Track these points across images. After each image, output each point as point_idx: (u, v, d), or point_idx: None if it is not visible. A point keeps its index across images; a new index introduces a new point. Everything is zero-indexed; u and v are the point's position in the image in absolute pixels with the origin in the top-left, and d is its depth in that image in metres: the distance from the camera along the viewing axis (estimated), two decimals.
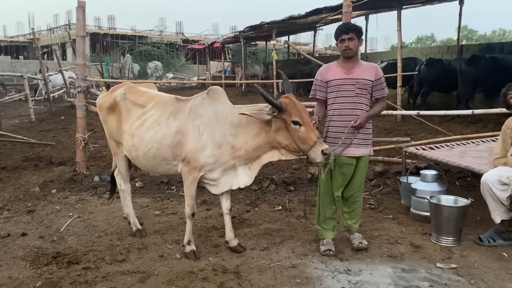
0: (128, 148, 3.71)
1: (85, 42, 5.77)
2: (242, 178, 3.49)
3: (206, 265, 3.37)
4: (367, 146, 3.60)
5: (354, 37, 3.46)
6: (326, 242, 3.66)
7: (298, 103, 3.24)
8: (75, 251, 3.62)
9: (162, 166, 3.59)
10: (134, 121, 3.66)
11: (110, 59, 25.66)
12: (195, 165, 3.38)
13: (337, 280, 3.13)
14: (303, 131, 3.16)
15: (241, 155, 3.39)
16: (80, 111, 5.78)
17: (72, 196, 5.15)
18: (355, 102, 3.50)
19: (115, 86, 4.05)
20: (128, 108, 3.74)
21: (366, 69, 3.53)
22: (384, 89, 3.59)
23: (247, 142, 3.35)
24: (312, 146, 3.13)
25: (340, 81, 3.51)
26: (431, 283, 3.07)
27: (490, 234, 3.75)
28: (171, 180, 5.60)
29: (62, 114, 12.42)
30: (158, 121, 3.53)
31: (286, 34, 21.72)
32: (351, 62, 3.54)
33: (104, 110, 3.94)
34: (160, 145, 3.49)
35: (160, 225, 4.27)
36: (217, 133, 3.36)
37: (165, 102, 3.65)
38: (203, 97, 3.48)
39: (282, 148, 3.32)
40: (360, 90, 3.50)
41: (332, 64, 3.67)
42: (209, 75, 24.96)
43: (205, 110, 3.41)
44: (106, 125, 3.99)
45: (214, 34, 39.05)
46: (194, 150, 3.36)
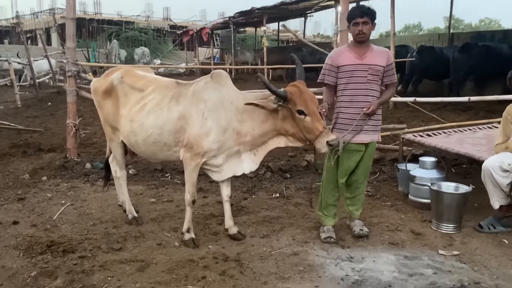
0: (127, 134, 3.57)
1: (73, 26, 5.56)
2: (247, 164, 3.40)
3: (206, 253, 3.30)
4: (376, 132, 3.54)
5: (369, 21, 3.34)
6: (327, 229, 3.61)
7: (305, 91, 3.14)
8: (70, 240, 3.51)
9: (163, 152, 3.48)
10: (133, 106, 3.52)
11: (96, 44, 25.17)
12: (198, 151, 3.28)
13: (340, 268, 3.09)
14: (308, 121, 3.09)
15: (246, 141, 3.30)
16: (71, 96, 5.61)
17: (64, 183, 5.01)
18: (367, 89, 3.41)
19: (111, 69, 3.89)
20: (126, 92, 3.59)
21: (378, 54, 3.43)
22: (394, 75, 3.54)
23: (254, 128, 3.26)
24: (318, 136, 3.07)
25: (352, 67, 3.40)
26: (435, 270, 3.04)
27: (490, 221, 3.74)
28: (165, 167, 5.49)
29: (48, 100, 12.14)
30: (159, 105, 3.40)
31: (276, 20, 21.50)
32: (364, 47, 3.42)
33: (99, 94, 3.77)
34: (162, 131, 3.36)
35: (156, 212, 4.18)
36: (222, 118, 3.26)
37: (166, 86, 3.51)
38: (207, 81, 3.36)
39: (289, 136, 3.25)
40: (372, 76, 3.41)
41: (343, 48, 3.56)
42: (197, 61, 24.70)
43: (209, 94, 3.30)
44: (101, 110, 3.83)
45: (202, 20, 38.62)
46: (197, 135, 3.26)
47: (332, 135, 3.14)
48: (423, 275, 2.98)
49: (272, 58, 17.83)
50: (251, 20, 18.81)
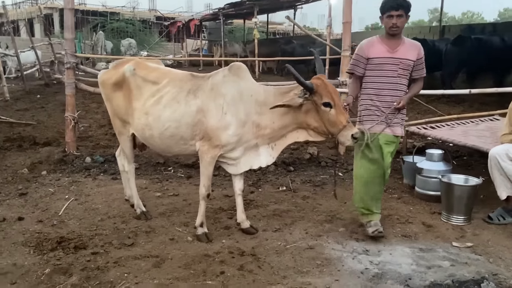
0: (141, 127, 3.48)
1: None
2: (264, 157, 3.36)
3: (221, 248, 3.26)
4: (402, 126, 3.52)
5: (403, 14, 3.26)
6: (374, 223, 3.46)
7: (329, 84, 3.12)
8: (79, 236, 3.44)
9: (179, 146, 3.41)
10: (148, 99, 3.42)
11: (82, 36, 24.70)
12: (216, 143, 3.23)
13: (358, 261, 3.09)
14: (333, 114, 3.05)
15: (265, 134, 3.26)
16: (69, 88, 5.47)
17: (65, 177, 4.90)
18: (396, 83, 3.36)
19: (119, 61, 3.78)
20: (139, 84, 3.49)
21: (409, 48, 3.37)
22: (424, 69, 3.45)
23: (274, 121, 3.21)
24: (342, 130, 3.04)
25: (383, 60, 3.35)
26: (452, 262, 3.06)
27: (499, 212, 3.78)
28: (168, 161, 5.42)
29: (37, 92, 11.87)
30: (176, 98, 3.32)
31: (266, 12, 21.38)
32: (396, 40, 3.35)
33: (108, 86, 3.66)
34: (179, 124, 3.30)
35: (164, 207, 4.11)
36: (241, 111, 3.20)
37: (181, 78, 3.43)
38: (225, 74, 3.29)
39: (310, 130, 3.21)
40: (403, 71, 3.36)
41: (374, 39, 3.46)
42: (185, 53, 24.45)
43: (228, 88, 3.23)
44: (110, 103, 3.71)
45: (188, 11, 38.21)
46: (216, 128, 3.20)
47: (356, 128, 3.09)
48: (441, 267, 3.00)
49: (262, 50, 17.74)
50: (241, 12, 18.65)
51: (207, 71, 3.69)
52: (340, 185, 4.85)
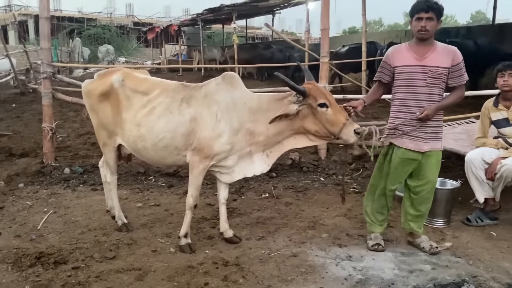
0: (132, 139, 3.41)
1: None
2: (259, 165, 3.31)
3: (205, 259, 3.24)
4: (437, 140, 3.22)
5: (434, 17, 3.05)
6: (374, 236, 3.40)
7: (321, 87, 3.14)
8: (59, 250, 3.36)
9: (172, 157, 3.36)
10: (139, 110, 3.36)
11: (58, 42, 24.29)
12: (208, 154, 3.19)
13: (341, 267, 3.10)
14: (331, 113, 3.01)
15: (260, 141, 3.22)
16: (46, 98, 5.36)
17: (43, 190, 4.80)
18: (425, 93, 3.13)
19: (105, 71, 3.68)
20: (128, 95, 3.42)
21: (442, 54, 3.11)
22: (463, 76, 3.15)
23: (268, 128, 3.15)
24: (343, 128, 2.99)
25: (410, 68, 3.14)
26: (433, 266, 3.11)
27: (477, 214, 3.87)
28: (148, 170, 5.36)
29: (12, 101, 11.61)
30: (169, 108, 3.28)
31: (244, 17, 21.43)
32: (425, 46, 3.13)
33: (94, 97, 3.56)
34: (174, 134, 3.25)
35: (145, 218, 4.07)
36: (234, 119, 3.18)
37: (173, 88, 3.38)
38: (218, 83, 3.27)
39: (311, 134, 3.15)
40: (433, 80, 3.10)
41: (403, 46, 3.28)
42: (164, 59, 24.28)
43: (222, 96, 3.21)
44: (96, 114, 3.61)
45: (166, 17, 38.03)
46: (209, 137, 3.17)
47: (357, 124, 3.04)
48: (422, 271, 3.04)
49: (241, 55, 17.76)
50: (220, 17, 18.65)
51: (186, 76, 3.68)
52: (322, 190, 4.89)
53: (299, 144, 3.27)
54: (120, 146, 3.63)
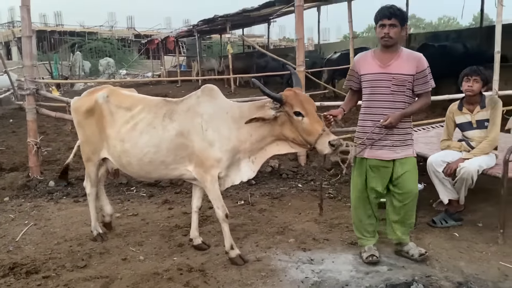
0: (117, 154, 3.51)
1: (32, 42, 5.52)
2: (245, 171, 3.35)
3: (171, 265, 3.35)
4: (407, 147, 3.22)
5: (397, 23, 3.05)
6: (368, 248, 3.36)
7: (301, 94, 3.13)
8: (33, 260, 3.49)
9: (159, 171, 3.43)
10: (122, 125, 3.46)
11: (58, 57, 24.68)
12: (209, 164, 3.24)
13: (301, 271, 3.21)
14: (307, 123, 3.03)
15: (245, 148, 3.27)
16: (30, 114, 5.54)
17: (27, 203, 4.95)
18: (390, 101, 3.13)
19: (93, 89, 3.80)
20: (112, 111, 3.53)
21: (406, 61, 3.11)
22: (428, 82, 3.14)
23: (251, 134, 3.21)
24: (318, 138, 2.99)
25: (374, 76, 3.16)
26: (389, 267, 3.21)
27: (443, 216, 3.96)
28: (131, 181, 5.50)
29: (10, 117, 11.86)
30: (152, 124, 3.37)
31: (240, 27, 21.69)
32: (390, 53, 3.14)
33: (80, 113, 3.69)
34: (158, 149, 3.32)
35: (121, 227, 4.19)
36: (222, 127, 3.25)
37: (155, 104, 3.48)
38: (199, 95, 3.36)
39: (290, 141, 3.20)
40: (397, 87, 3.11)
41: (368, 53, 3.30)
42: (164, 70, 24.56)
43: (204, 108, 3.29)
44: (82, 130, 3.74)
45: (167, 28, 38.42)
46: (203, 148, 3.24)
47: (333, 135, 3.04)
48: (378, 272, 3.14)
49: (238, 64, 17.97)
50: (215, 28, 18.90)
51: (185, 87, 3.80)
52: (298, 196, 5.00)
53: (281, 150, 3.31)
54: (106, 161, 3.75)
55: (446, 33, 13.27)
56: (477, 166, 3.68)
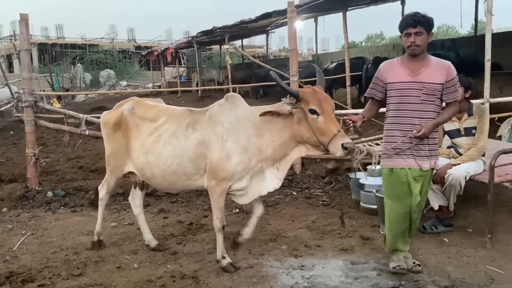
0: (141, 167, 3.50)
1: (31, 55, 5.64)
2: (270, 181, 3.29)
3: (164, 273, 3.41)
4: (434, 157, 3.18)
5: (423, 31, 2.97)
6: (397, 258, 3.23)
7: (320, 92, 3.05)
8: (29, 269, 3.56)
9: (181, 182, 3.42)
10: (147, 137, 3.46)
11: (60, 69, 24.89)
12: (222, 176, 3.22)
13: (291, 277, 3.26)
14: (321, 122, 2.95)
15: (268, 156, 3.21)
16: (29, 126, 5.64)
17: (25, 213, 5.02)
18: (420, 110, 3.03)
19: (121, 102, 3.82)
20: (137, 123, 3.54)
21: (436, 70, 3.03)
22: (458, 91, 3.10)
23: (273, 140, 3.17)
24: (332, 139, 2.91)
25: (403, 85, 3.05)
26: (379, 272, 3.26)
27: (433, 222, 4.01)
28: (128, 191, 5.54)
29: (11, 129, 11.98)
30: (175, 134, 3.36)
31: (239, 38, 21.89)
32: (418, 61, 3.04)
33: (109, 127, 3.73)
34: (181, 160, 3.31)
35: (117, 236, 4.26)
36: (241, 137, 3.21)
37: (179, 114, 3.48)
38: (221, 104, 3.36)
39: (305, 142, 3.12)
40: (427, 96, 3.02)
41: (395, 61, 3.19)
42: (164, 81, 24.74)
43: (225, 116, 3.28)
44: (110, 143, 3.76)
45: (168, 40, 38.74)
46: (219, 159, 3.20)
47: (348, 138, 2.94)
48: (367, 277, 3.20)
49: (238, 75, 18.12)
50: (214, 39, 19.10)
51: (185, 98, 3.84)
52: (292, 203, 5.06)
53: (302, 153, 3.24)
54: (134, 174, 3.75)
55: (442, 42, 13.41)
56: (464, 172, 3.75)
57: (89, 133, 5.87)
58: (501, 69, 11.04)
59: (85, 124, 5.86)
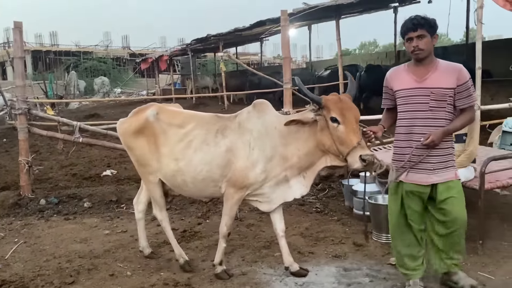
0: (171, 174, 3.43)
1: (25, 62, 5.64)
2: (297, 188, 3.26)
3: (158, 280, 3.41)
4: (449, 169, 2.91)
5: (425, 33, 2.81)
6: (413, 283, 3.02)
7: (345, 101, 2.96)
8: (21, 277, 3.54)
9: (210, 189, 3.38)
10: (176, 144, 3.39)
11: (54, 76, 24.83)
12: (243, 184, 3.20)
13: (284, 284, 3.28)
14: (342, 131, 2.88)
15: (293, 164, 3.18)
16: (22, 133, 5.63)
17: (17, 221, 4.99)
18: (429, 118, 2.86)
19: (137, 108, 3.71)
20: (164, 129, 3.45)
21: (444, 74, 2.85)
22: (472, 95, 2.88)
23: (299, 148, 3.13)
24: (351, 150, 2.84)
25: (409, 92, 2.91)
26: (371, 279, 3.28)
27: None
28: (121, 198, 5.57)
29: (4, 136, 11.92)
30: (206, 141, 3.32)
31: (233, 45, 22.00)
32: (424, 66, 2.88)
33: (128, 134, 3.60)
34: (211, 166, 3.28)
35: (110, 244, 4.24)
36: (267, 146, 3.19)
37: (208, 120, 3.45)
38: (249, 111, 3.33)
39: (328, 151, 3.05)
40: (436, 102, 2.84)
41: (401, 67, 3.07)
42: (158, 88, 24.78)
43: (253, 124, 3.25)
44: (133, 151, 3.64)
45: (162, 47, 38.83)
46: (244, 167, 3.18)
47: (368, 150, 2.86)
48: (360, 283, 3.22)
49: (232, 82, 18.22)
50: (209, 46, 19.18)
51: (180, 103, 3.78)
52: (285, 210, 5.00)
53: (327, 162, 3.15)
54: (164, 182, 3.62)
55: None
56: None
57: (83, 141, 5.85)
58: (491, 76, 11.17)
59: (79, 131, 5.84)
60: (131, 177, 6.73)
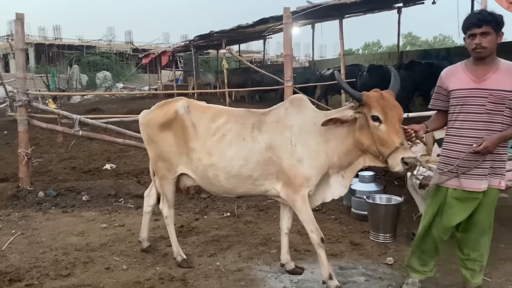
0: (202, 168, 3.27)
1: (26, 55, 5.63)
2: (335, 188, 3.11)
3: (153, 275, 3.41)
4: (497, 176, 2.72)
5: (491, 31, 2.59)
6: (412, 282, 3.03)
7: (388, 98, 2.78)
8: (17, 269, 3.54)
9: (245, 186, 3.20)
10: (207, 137, 3.25)
11: (56, 70, 24.85)
12: (299, 182, 3.02)
13: (280, 281, 3.28)
14: (383, 130, 2.71)
15: (334, 162, 3.02)
16: (22, 125, 5.63)
17: (15, 213, 5.00)
18: (485, 121, 2.65)
19: (163, 102, 3.57)
20: (194, 123, 3.31)
21: (506, 75, 2.63)
22: None
23: (338, 146, 2.98)
24: (393, 152, 2.67)
25: (466, 92, 2.69)
26: (367, 278, 3.28)
27: None
28: (119, 192, 5.56)
29: (5, 128, 11.92)
30: (241, 135, 3.18)
31: (236, 42, 21.94)
32: (485, 65, 2.67)
33: (154, 126, 3.44)
34: (246, 162, 3.13)
35: (107, 237, 4.24)
36: (311, 142, 3.03)
37: (241, 115, 3.29)
38: (287, 107, 3.17)
39: (367, 151, 2.90)
40: (494, 105, 2.62)
41: (458, 66, 2.81)
42: (160, 84, 24.76)
43: (293, 120, 3.10)
44: (155, 145, 3.47)
45: (165, 43, 38.78)
46: (291, 165, 3.03)
47: (411, 152, 2.70)
48: (355, 282, 3.21)
49: (235, 80, 18.19)
50: (212, 43, 19.15)
51: None
52: None
53: (366, 162, 3.00)
54: (180, 178, 3.52)
55: (437, 51, 13.54)
56: None
57: (83, 134, 5.85)
58: None
59: (79, 125, 5.84)
60: (130, 171, 6.74)
